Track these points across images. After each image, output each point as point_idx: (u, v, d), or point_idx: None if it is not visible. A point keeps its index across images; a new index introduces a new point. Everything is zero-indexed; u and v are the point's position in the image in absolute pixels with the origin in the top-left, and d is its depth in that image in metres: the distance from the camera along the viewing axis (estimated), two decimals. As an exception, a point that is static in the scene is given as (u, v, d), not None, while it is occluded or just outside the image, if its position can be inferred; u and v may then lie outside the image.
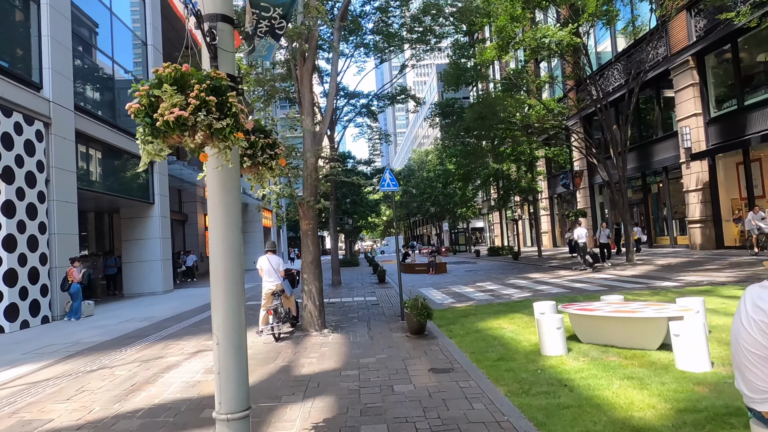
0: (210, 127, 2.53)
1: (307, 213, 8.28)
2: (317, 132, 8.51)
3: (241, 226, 3.21)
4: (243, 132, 3.11)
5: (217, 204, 3.05)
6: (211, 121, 2.50)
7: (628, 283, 12.57)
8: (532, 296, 11.40)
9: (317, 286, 8.29)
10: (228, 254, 3.02)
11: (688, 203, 22.37)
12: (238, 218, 3.15)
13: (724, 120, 20.56)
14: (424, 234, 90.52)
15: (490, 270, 21.43)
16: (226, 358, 2.94)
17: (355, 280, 19.91)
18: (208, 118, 2.49)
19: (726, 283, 11.01)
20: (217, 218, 3.07)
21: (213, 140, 2.64)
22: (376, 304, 11.88)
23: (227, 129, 2.58)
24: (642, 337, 5.43)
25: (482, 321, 8.28)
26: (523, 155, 27.41)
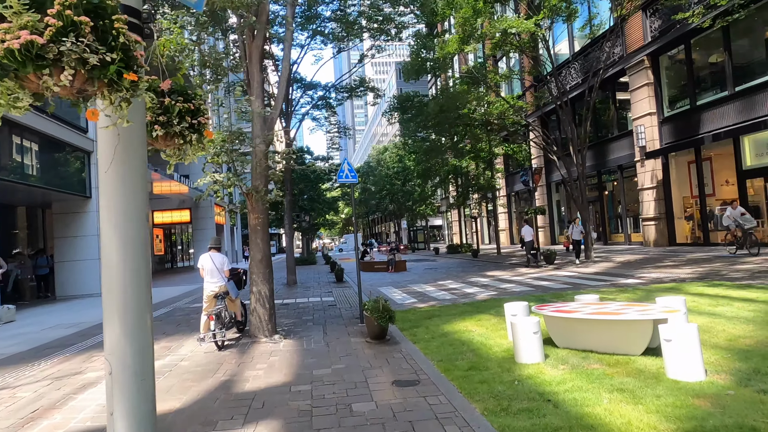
0: (84, 64, 1.73)
1: (257, 206, 7.43)
2: (268, 116, 7.66)
3: (147, 215, 2.40)
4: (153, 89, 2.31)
5: (111, 181, 2.23)
6: (84, 52, 1.70)
7: (591, 281, 12.34)
8: (497, 295, 10.94)
9: (267, 287, 7.46)
10: (126, 252, 2.21)
11: (642, 201, 22.73)
12: (143, 203, 2.34)
13: (677, 119, 20.95)
14: (383, 232, 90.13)
15: (450, 268, 21.03)
16: (122, 394, 2.14)
17: (311, 279, 19.04)
18: (78, 47, 1.69)
19: (687, 280, 10.91)
20: (110, 202, 2.25)
21: (96, 86, 1.84)
22: (334, 305, 11.12)
23: (111, 68, 1.79)
24: (625, 341, 4.94)
25: (448, 323, 7.68)
26: (482, 152, 27.24)
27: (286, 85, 7.87)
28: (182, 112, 2.73)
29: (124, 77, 1.86)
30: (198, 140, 2.89)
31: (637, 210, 24.63)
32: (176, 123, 2.70)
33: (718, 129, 18.30)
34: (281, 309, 10.73)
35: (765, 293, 8.03)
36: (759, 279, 9.99)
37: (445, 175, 29.33)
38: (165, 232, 38.68)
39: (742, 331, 5.58)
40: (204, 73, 8.70)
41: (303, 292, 14.38)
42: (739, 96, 17.76)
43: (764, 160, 17.39)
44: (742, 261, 13.42)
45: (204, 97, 7.16)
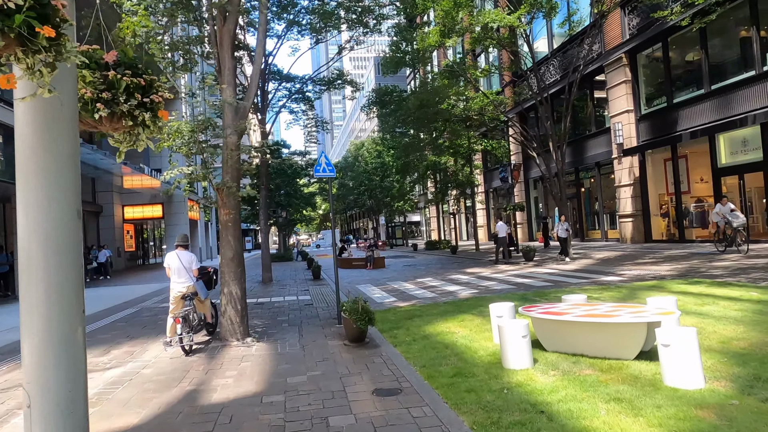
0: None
1: (228, 200, 6.98)
2: (240, 105, 7.20)
3: (78, 212, 1.98)
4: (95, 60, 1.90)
5: (30, 171, 1.81)
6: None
7: (572, 278, 12.22)
8: (478, 293, 10.69)
9: (239, 287, 7.02)
10: (48, 257, 1.79)
11: (619, 198, 22.88)
12: (72, 197, 1.92)
13: (654, 117, 21.10)
14: (361, 228, 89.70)
15: (429, 265, 20.79)
16: (43, 431, 1.72)
17: (288, 277, 18.55)
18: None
19: (668, 277, 10.86)
20: (29, 196, 1.82)
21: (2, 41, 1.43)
22: (310, 304, 10.71)
23: (18, 18, 1.38)
24: (618, 345, 4.69)
25: (429, 324, 7.36)
26: (461, 148, 27.07)
27: (260, 73, 7.41)
28: (130, 88, 2.31)
29: (38, 32, 1.45)
30: (152, 122, 2.47)
31: (613, 207, 24.81)
32: (123, 101, 2.29)
33: (695, 127, 18.45)
34: (255, 309, 10.28)
35: (748, 291, 7.96)
36: (738, 276, 9.98)
37: (423, 170, 29.06)
38: (136, 227, 37.53)
39: (734, 333, 5.41)
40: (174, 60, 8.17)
41: (279, 290, 13.92)
42: (715, 94, 17.92)
43: (739, 158, 17.61)
44: (720, 258, 13.49)
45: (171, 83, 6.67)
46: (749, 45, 16.68)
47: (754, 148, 16.95)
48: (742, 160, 17.46)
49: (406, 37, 19.22)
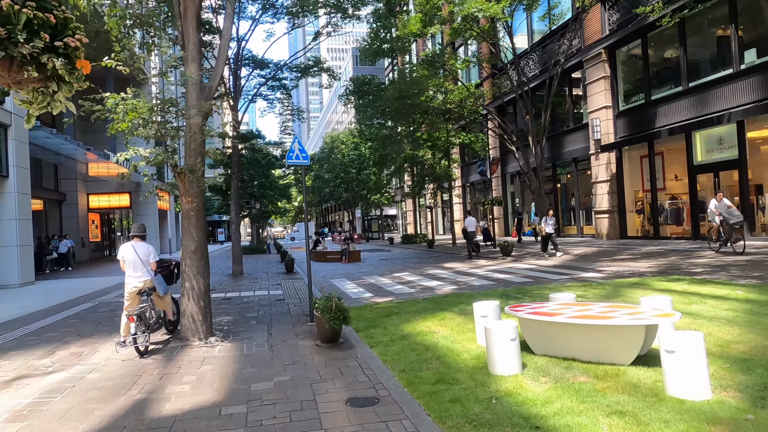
0: None
1: (190, 188, 6.38)
2: (206, 84, 6.59)
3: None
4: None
5: None
6: None
7: (552, 274, 11.96)
8: (457, 289, 10.32)
9: (202, 282, 6.44)
10: None
11: (596, 194, 22.89)
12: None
13: (631, 113, 21.11)
14: (336, 221, 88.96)
15: (406, 259, 20.41)
16: None
17: (260, 270, 17.90)
18: None
19: (647, 274, 10.69)
20: None
21: None
22: (282, 299, 10.16)
23: None
24: (614, 349, 4.32)
25: (408, 322, 6.92)
26: (439, 141, 26.71)
27: (227, 48, 6.81)
28: (34, 25, 1.76)
29: None
30: (68, 72, 1.92)
31: (589, 203, 24.86)
32: (23, 40, 1.74)
33: (672, 124, 18.48)
34: (222, 305, 9.68)
35: (733, 290, 7.77)
36: (717, 273, 9.85)
37: (401, 163, 28.62)
38: (102, 217, 36.10)
39: (731, 335, 5.13)
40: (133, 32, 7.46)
41: (249, 284, 13.30)
42: (692, 92, 17.95)
43: (714, 156, 17.69)
44: (698, 255, 13.46)
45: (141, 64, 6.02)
46: (727, 43, 16.71)
47: (729, 146, 17.03)
48: (717, 157, 17.54)
49: (385, 25, 18.67)
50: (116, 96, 5.86)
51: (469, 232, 18.85)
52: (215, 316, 8.24)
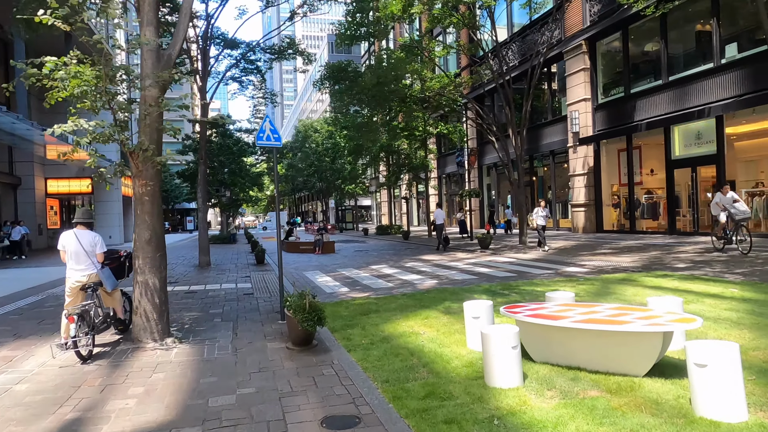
0: None
1: (145, 169, 5.60)
2: (164, 52, 5.80)
3: None
4: None
5: None
6: None
7: (534, 269, 11.55)
8: (438, 284, 9.78)
9: (158, 276, 5.69)
10: None
11: (573, 187, 22.74)
12: None
13: (611, 106, 20.94)
14: (310, 210, 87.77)
15: (382, 250, 19.82)
16: None
17: (228, 261, 17.03)
18: None
19: (631, 269, 10.38)
20: None
21: None
22: (250, 293, 9.43)
23: None
24: (627, 358, 3.82)
25: (389, 322, 6.33)
26: (416, 131, 26.12)
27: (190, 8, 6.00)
28: None
29: None
30: None
31: (566, 196, 24.75)
32: None
33: (651, 118, 18.35)
34: (185, 299, 8.90)
35: (726, 287, 7.45)
36: (702, 269, 9.61)
37: (377, 152, 27.92)
38: (62, 203, 34.29)
39: (742, 339, 4.71)
40: None
41: (216, 276, 12.49)
42: (672, 86, 17.82)
43: (692, 151, 17.64)
44: (677, 250, 13.28)
45: (86, 21, 5.18)
46: (708, 37, 16.57)
47: (708, 141, 16.97)
48: (695, 152, 17.49)
49: (363, 7, 17.86)
50: (56, 60, 5.03)
51: (438, 224, 18.83)
52: (175, 312, 7.49)
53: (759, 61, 14.74)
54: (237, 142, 32.98)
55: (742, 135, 16.73)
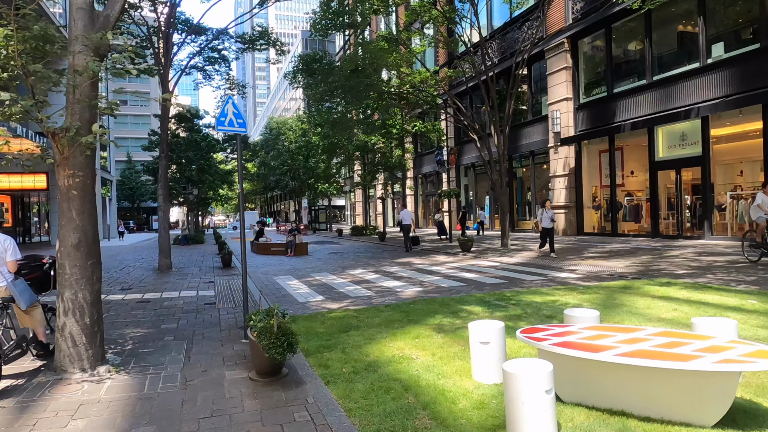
0: None
1: (71, 156, 4.48)
2: (99, 12, 4.69)
3: None
4: None
5: None
6: None
7: (523, 274, 10.76)
8: (423, 292, 8.86)
9: (88, 290, 4.58)
10: None
11: (553, 188, 22.24)
12: None
13: (593, 106, 20.48)
14: (282, 210, 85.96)
15: (358, 253, 18.81)
16: None
17: (192, 263, 15.77)
18: None
19: (627, 275, 9.70)
20: None
21: None
22: (212, 303, 8.32)
23: None
24: (693, 403, 2.96)
25: (373, 342, 5.35)
26: (393, 128, 25.26)
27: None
28: None
29: None
30: None
31: (546, 197, 24.27)
32: None
33: (635, 118, 17.92)
34: (136, 310, 7.73)
35: (743, 298, 6.77)
36: (704, 276, 8.95)
37: (352, 150, 26.91)
38: (14, 199, 32.00)
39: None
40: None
41: (176, 281, 11.27)
42: (656, 85, 17.41)
43: (676, 152, 17.25)
44: (667, 254, 12.71)
45: None
46: (694, 37, 16.19)
47: (692, 143, 16.59)
48: (679, 154, 17.10)
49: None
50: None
51: (405, 225, 18.46)
52: (119, 328, 6.36)
53: (747, 60, 14.38)
54: (205, 137, 31.48)
55: (724, 137, 16.41)
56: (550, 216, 13.99)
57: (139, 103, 70.63)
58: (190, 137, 30.59)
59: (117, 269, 14.23)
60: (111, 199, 42.44)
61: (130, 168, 62.02)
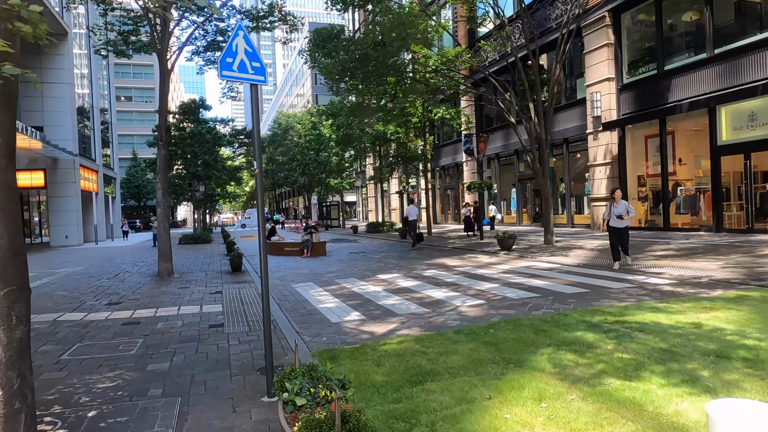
0: None
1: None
2: None
3: None
4: None
5: None
6: None
7: (595, 278, 8.74)
8: (490, 307, 6.88)
9: (8, 335, 2.66)
10: None
11: (593, 178, 20.17)
12: None
13: (639, 86, 18.33)
14: (291, 207, 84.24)
15: (382, 252, 16.85)
16: None
17: (197, 266, 13.90)
18: None
19: (734, 280, 7.68)
20: None
21: None
22: (220, 325, 6.40)
23: None
24: None
25: (473, 408, 3.38)
26: (413, 117, 23.23)
27: None
28: None
29: None
30: None
31: (582, 189, 22.21)
32: None
33: (692, 97, 15.78)
34: (118, 338, 5.82)
35: None
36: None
37: (370, 141, 24.92)
38: (12, 199, 30.35)
39: None
40: None
41: (177, 291, 9.38)
42: (718, 59, 15.25)
43: (744, 135, 15.09)
44: (760, 249, 10.61)
45: None
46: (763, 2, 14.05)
47: (764, 123, 14.46)
48: (749, 136, 14.93)
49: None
50: None
51: (411, 220, 17.92)
52: (89, 370, 4.46)
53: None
54: (211, 129, 29.62)
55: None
56: (622, 210, 10.04)
57: (143, 100, 69.05)
58: (194, 129, 28.79)
59: (111, 275, 12.39)
60: (115, 198, 40.81)
61: (135, 165, 60.44)
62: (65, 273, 13.25)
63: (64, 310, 7.58)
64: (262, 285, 3.79)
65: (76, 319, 6.96)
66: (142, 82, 68.26)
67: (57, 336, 5.97)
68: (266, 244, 3.79)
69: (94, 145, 34.39)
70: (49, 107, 28.12)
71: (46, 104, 28.02)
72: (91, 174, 32.64)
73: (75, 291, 9.69)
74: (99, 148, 35.43)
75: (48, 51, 28.02)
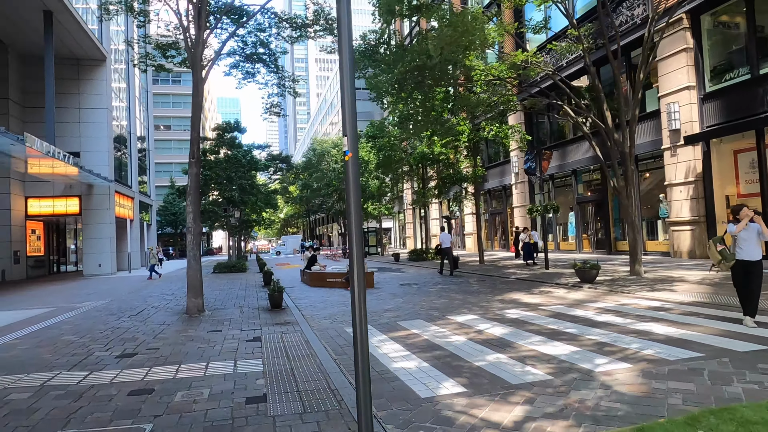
0: None
1: None
2: None
3: None
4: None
5: None
6: None
7: (739, 324, 6.50)
8: (650, 375, 4.77)
9: None
10: None
11: (671, 200, 17.75)
12: None
13: (726, 94, 16.03)
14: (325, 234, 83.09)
15: (436, 284, 14.80)
16: None
17: (231, 301, 12.20)
18: None
19: None
20: None
21: None
22: (260, 398, 4.53)
23: None
24: None
25: None
26: (462, 135, 21.44)
27: None
28: None
29: None
30: None
31: (652, 212, 19.77)
32: None
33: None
34: (122, 418, 4.02)
35: None
36: None
37: (415, 162, 23.21)
38: (48, 225, 29.88)
39: None
40: None
41: (206, 338, 7.61)
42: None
43: None
44: None
45: None
46: None
47: None
48: None
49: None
50: None
51: (445, 248, 17.81)
52: None
53: None
54: (247, 153, 28.55)
55: None
56: (755, 232, 7.04)
57: (182, 128, 69.85)
58: (230, 155, 27.81)
59: (134, 312, 10.78)
60: (150, 225, 40.23)
61: (172, 193, 60.64)
62: (86, 308, 11.77)
63: (62, 367, 5.89)
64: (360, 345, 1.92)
65: (72, 382, 5.24)
66: (181, 111, 69.18)
67: (33, 418, 4.19)
68: (363, 307, 1.92)
69: (130, 171, 33.90)
70: (86, 132, 27.68)
71: (83, 129, 27.59)
72: (127, 201, 31.98)
73: (86, 335, 8.06)
74: (135, 175, 34.94)
75: (85, 77, 27.80)
